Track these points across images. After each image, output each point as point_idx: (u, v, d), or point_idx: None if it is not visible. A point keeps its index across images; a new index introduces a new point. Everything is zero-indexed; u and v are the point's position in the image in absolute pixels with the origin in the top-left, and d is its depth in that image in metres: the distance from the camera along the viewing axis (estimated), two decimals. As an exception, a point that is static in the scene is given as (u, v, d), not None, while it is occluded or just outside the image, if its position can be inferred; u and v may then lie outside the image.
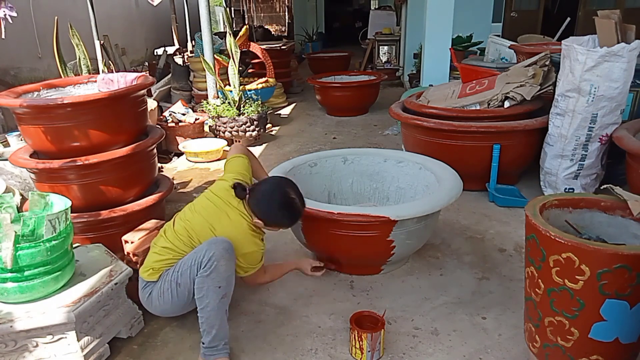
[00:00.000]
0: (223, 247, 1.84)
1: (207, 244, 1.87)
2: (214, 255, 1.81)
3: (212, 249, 1.83)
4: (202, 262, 1.82)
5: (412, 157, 2.89)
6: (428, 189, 2.64)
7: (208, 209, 2.02)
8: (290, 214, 2.03)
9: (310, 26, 13.45)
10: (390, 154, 2.96)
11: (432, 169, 2.68)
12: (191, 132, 4.76)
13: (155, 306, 1.98)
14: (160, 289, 1.94)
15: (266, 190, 2.02)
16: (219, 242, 1.87)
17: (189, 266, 1.85)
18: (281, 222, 2.06)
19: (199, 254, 1.84)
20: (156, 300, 1.96)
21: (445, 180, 2.48)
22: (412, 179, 2.80)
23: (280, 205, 2.00)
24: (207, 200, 2.07)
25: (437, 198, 2.31)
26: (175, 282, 1.89)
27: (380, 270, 2.51)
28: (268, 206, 1.99)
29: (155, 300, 1.96)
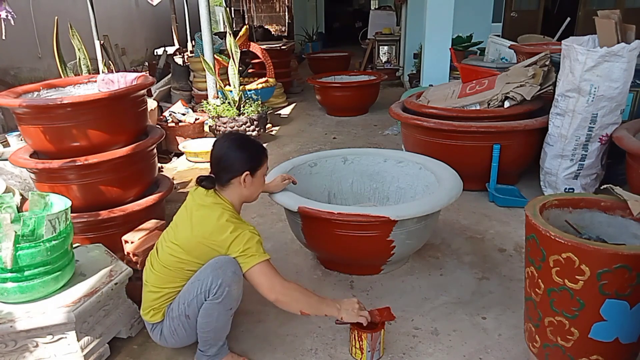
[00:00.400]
0: (231, 271, 1.71)
1: (211, 269, 1.72)
2: (223, 282, 1.70)
3: (219, 276, 1.70)
4: (211, 290, 1.71)
5: (412, 157, 2.89)
6: (428, 189, 2.64)
7: (183, 219, 1.85)
8: (256, 143, 1.94)
9: (310, 26, 13.45)
10: (390, 154, 2.96)
11: (432, 169, 2.68)
12: (191, 132, 4.76)
13: (172, 343, 1.88)
14: (170, 328, 1.82)
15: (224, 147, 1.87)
16: (224, 266, 1.72)
17: (195, 295, 1.73)
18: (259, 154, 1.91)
19: (205, 282, 1.71)
20: (170, 338, 1.85)
21: (445, 180, 2.48)
22: (412, 179, 2.80)
23: (244, 142, 1.89)
24: (180, 212, 1.92)
25: (437, 198, 2.31)
26: (184, 315, 1.78)
27: (380, 270, 2.51)
28: (237, 154, 1.85)
29: (169, 338, 1.86)
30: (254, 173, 1.89)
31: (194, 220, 1.80)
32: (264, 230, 3.07)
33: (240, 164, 1.85)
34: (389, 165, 2.90)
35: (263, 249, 1.79)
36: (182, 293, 1.80)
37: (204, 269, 1.76)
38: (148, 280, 1.87)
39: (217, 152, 1.89)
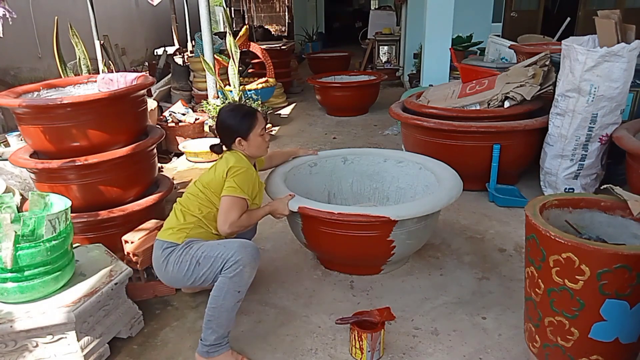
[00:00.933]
0: (251, 255, 1.87)
1: (238, 245, 1.89)
2: (241, 260, 1.83)
3: (240, 253, 1.84)
4: (228, 262, 1.83)
5: (412, 157, 2.89)
6: (428, 188, 2.64)
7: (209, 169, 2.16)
8: (243, 111, 2.15)
9: (310, 26, 13.45)
10: (390, 154, 2.96)
11: (432, 168, 2.68)
12: (191, 132, 4.76)
13: (168, 271, 1.96)
14: (179, 257, 1.93)
15: (220, 119, 2.16)
16: (249, 248, 1.89)
17: (215, 256, 1.87)
18: (246, 120, 2.13)
19: (228, 252, 1.85)
20: (171, 265, 1.94)
21: (445, 180, 2.48)
22: (412, 179, 2.79)
23: (233, 112, 2.14)
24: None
25: (437, 198, 2.30)
26: (196, 259, 1.90)
27: (381, 271, 2.51)
28: (228, 122, 2.12)
29: (170, 265, 1.95)
30: (246, 137, 2.13)
31: (216, 164, 2.14)
32: (264, 231, 3.07)
33: (231, 132, 2.13)
34: (389, 165, 2.90)
35: (245, 190, 2.05)
36: (207, 244, 1.94)
37: (232, 241, 1.95)
38: (177, 206, 2.10)
39: (216, 122, 2.20)
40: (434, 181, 2.58)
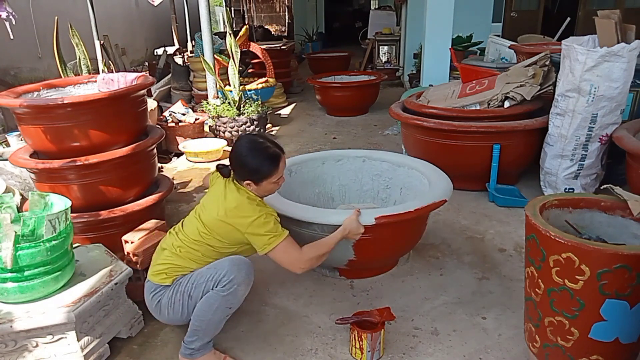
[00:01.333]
0: (245, 272, 1.82)
1: (229, 263, 1.82)
2: (235, 279, 1.78)
3: (233, 272, 1.79)
4: (221, 281, 1.78)
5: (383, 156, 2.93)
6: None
7: (211, 199, 1.96)
8: (265, 157, 1.89)
9: (310, 26, 13.45)
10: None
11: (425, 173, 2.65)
12: (191, 132, 4.76)
13: (164, 314, 1.91)
14: (171, 298, 1.86)
15: (237, 147, 1.92)
16: (241, 265, 1.83)
17: (205, 280, 1.80)
18: (263, 169, 1.89)
19: (219, 272, 1.79)
20: (165, 308, 1.88)
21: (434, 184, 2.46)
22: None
23: (253, 151, 1.88)
24: (207, 194, 2.04)
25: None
26: (187, 294, 1.83)
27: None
28: (243, 158, 1.89)
29: (164, 309, 1.89)
30: (259, 183, 1.91)
31: (220, 199, 1.90)
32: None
33: (245, 172, 1.90)
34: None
35: (280, 227, 1.89)
36: (195, 274, 1.85)
37: (223, 260, 1.85)
38: (167, 244, 1.93)
39: (232, 151, 1.94)
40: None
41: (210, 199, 1.97)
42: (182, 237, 1.92)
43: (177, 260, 1.88)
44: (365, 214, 2.11)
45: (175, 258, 1.89)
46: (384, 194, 2.88)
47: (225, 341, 2.05)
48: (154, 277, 1.90)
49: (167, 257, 1.90)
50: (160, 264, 1.90)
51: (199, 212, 1.96)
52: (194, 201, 3.62)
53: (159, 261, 1.92)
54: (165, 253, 1.92)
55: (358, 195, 2.93)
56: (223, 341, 2.05)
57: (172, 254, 1.90)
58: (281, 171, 1.94)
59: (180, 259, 1.88)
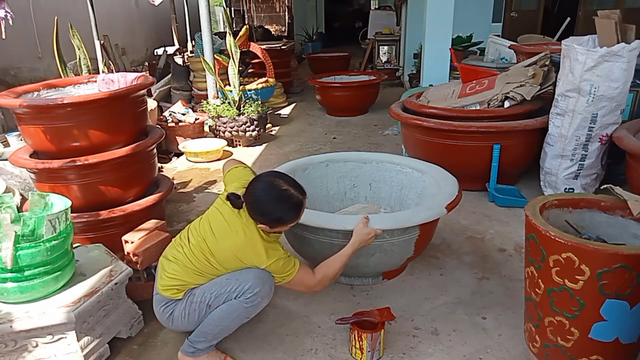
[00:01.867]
0: (269, 287, 1.81)
1: (254, 276, 1.78)
2: (260, 293, 1.77)
3: (258, 285, 1.77)
4: (246, 293, 1.76)
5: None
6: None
7: (220, 228, 1.83)
8: (288, 206, 1.78)
9: (310, 26, 13.45)
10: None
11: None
12: (191, 132, 4.76)
13: (176, 325, 1.87)
14: (185, 309, 1.82)
15: (256, 191, 1.78)
16: (266, 279, 1.80)
17: (228, 291, 1.77)
18: (284, 219, 1.80)
19: (244, 284, 1.76)
20: (178, 320, 1.84)
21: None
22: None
23: (275, 200, 1.76)
24: (217, 215, 1.87)
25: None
26: (206, 304, 1.79)
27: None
28: (263, 206, 1.76)
29: (177, 320, 1.85)
30: (274, 227, 1.82)
31: (228, 233, 1.80)
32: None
33: (264, 220, 1.78)
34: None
35: (292, 261, 1.86)
36: (213, 283, 1.81)
37: (246, 272, 1.80)
38: (178, 260, 1.84)
39: (251, 195, 1.79)
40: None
41: (219, 227, 1.83)
42: (190, 255, 1.83)
43: (187, 277, 1.82)
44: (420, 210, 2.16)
45: (185, 275, 1.82)
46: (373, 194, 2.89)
47: (225, 341, 2.05)
48: (165, 292, 1.84)
49: (176, 273, 1.83)
50: (170, 278, 1.83)
51: (205, 236, 1.83)
52: (193, 201, 3.62)
53: (167, 274, 1.84)
54: (173, 267, 1.84)
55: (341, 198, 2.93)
56: (223, 341, 2.05)
57: (181, 269, 1.82)
58: (297, 220, 1.85)
59: (190, 276, 1.82)
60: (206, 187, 3.91)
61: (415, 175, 2.73)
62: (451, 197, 2.29)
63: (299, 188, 1.82)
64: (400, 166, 2.82)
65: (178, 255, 1.86)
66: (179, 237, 1.95)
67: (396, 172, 2.82)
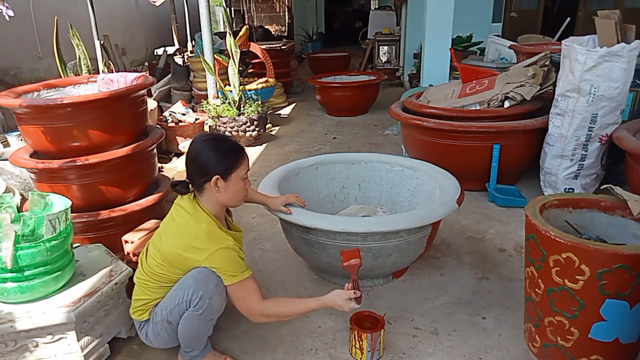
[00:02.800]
0: (213, 284, 1.69)
1: (193, 280, 1.70)
2: (205, 294, 1.68)
3: (200, 288, 1.68)
4: (192, 301, 1.69)
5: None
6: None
7: (167, 226, 1.83)
8: (227, 144, 1.76)
9: (310, 26, 13.45)
10: None
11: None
12: (191, 132, 4.76)
13: (157, 344, 1.88)
14: (154, 330, 1.82)
15: (195, 149, 1.74)
16: (206, 277, 1.69)
17: (177, 304, 1.73)
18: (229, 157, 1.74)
19: (186, 292, 1.69)
20: (154, 339, 1.85)
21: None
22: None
23: (211, 141, 1.75)
24: (166, 220, 1.87)
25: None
26: (166, 321, 1.78)
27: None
28: (207, 156, 1.72)
29: (154, 340, 1.86)
30: (227, 177, 1.73)
31: (174, 230, 1.77)
32: (264, 231, 3.07)
33: (210, 167, 1.72)
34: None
35: (241, 265, 1.74)
36: (164, 299, 1.80)
37: (186, 278, 1.73)
38: (138, 281, 1.87)
39: (189, 153, 1.76)
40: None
41: (165, 228, 1.83)
42: (146, 269, 1.83)
43: (146, 294, 1.83)
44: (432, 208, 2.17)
45: (144, 293, 1.83)
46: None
47: (225, 341, 2.06)
48: (134, 314, 1.87)
49: (138, 293, 1.85)
50: (135, 300, 1.87)
51: (156, 242, 1.82)
52: (194, 201, 3.61)
53: (134, 297, 1.88)
54: (136, 289, 1.87)
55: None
56: (223, 341, 2.06)
57: (141, 289, 1.84)
58: (246, 166, 1.79)
59: (149, 292, 1.82)
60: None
61: (407, 173, 2.75)
62: (456, 191, 2.31)
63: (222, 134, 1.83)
64: (389, 165, 2.83)
65: (138, 275, 1.87)
66: (142, 254, 1.92)
67: (385, 170, 2.83)
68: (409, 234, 2.14)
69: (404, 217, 2.21)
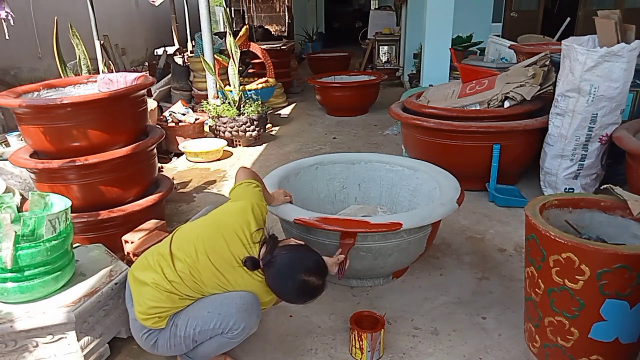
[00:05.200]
0: (256, 315, 1.72)
1: (236, 310, 1.67)
2: (247, 326, 1.70)
3: (244, 319, 1.68)
4: (232, 330, 1.68)
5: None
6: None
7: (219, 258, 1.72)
8: (305, 296, 1.77)
9: (310, 26, 13.45)
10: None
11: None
12: (191, 132, 4.76)
13: (162, 352, 1.78)
14: (169, 340, 1.72)
15: (281, 270, 1.71)
16: (250, 309, 1.69)
17: (212, 328, 1.67)
18: (296, 302, 1.83)
19: (228, 320, 1.66)
20: (164, 348, 1.75)
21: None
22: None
23: (295, 289, 1.73)
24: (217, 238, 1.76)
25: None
26: (191, 339, 1.71)
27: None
28: (283, 288, 1.74)
29: (162, 349, 1.75)
30: (281, 300, 1.83)
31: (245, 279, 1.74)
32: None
33: (283, 296, 1.77)
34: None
35: None
36: (194, 316, 1.69)
37: (228, 306, 1.68)
38: (158, 285, 1.69)
39: (283, 269, 1.72)
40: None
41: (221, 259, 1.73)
42: (174, 278, 1.69)
43: (169, 303, 1.69)
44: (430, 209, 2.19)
45: (167, 301, 1.69)
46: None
47: (225, 341, 2.05)
48: (145, 322, 1.70)
49: (157, 300, 1.68)
50: (151, 307, 1.68)
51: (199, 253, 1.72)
52: (193, 201, 3.62)
53: (145, 302, 1.69)
54: (152, 293, 1.69)
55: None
56: (223, 341, 2.05)
57: (161, 295, 1.68)
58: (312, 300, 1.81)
59: (174, 301, 1.70)
60: (206, 187, 3.91)
61: (407, 173, 2.75)
62: (456, 191, 2.31)
63: (320, 273, 1.75)
64: (389, 165, 2.83)
65: (157, 278, 1.69)
66: (156, 254, 1.78)
67: (385, 170, 2.83)
68: (409, 234, 2.14)
69: (405, 216, 2.21)
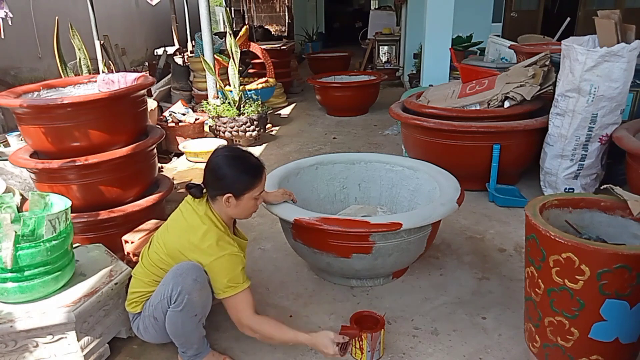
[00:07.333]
0: (192, 279, 1.68)
1: (172, 275, 1.71)
2: (183, 290, 1.67)
3: (179, 283, 1.68)
4: (172, 297, 1.69)
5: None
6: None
7: (176, 221, 1.86)
8: (248, 164, 1.81)
9: (310, 26, 13.45)
10: None
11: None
12: (191, 132, 4.76)
13: (147, 338, 1.92)
14: (143, 324, 1.86)
15: (215, 162, 1.79)
16: (185, 272, 1.69)
17: (160, 300, 1.74)
18: (246, 178, 1.79)
19: (166, 288, 1.70)
20: (145, 333, 1.89)
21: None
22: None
23: (233, 160, 1.78)
24: (175, 214, 1.90)
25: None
26: (152, 316, 1.80)
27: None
28: (225, 172, 1.76)
29: (144, 334, 1.89)
30: (239, 196, 1.79)
31: (183, 227, 1.81)
32: (264, 231, 3.07)
33: (225, 183, 1.77)
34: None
35: (242, 276, 1.78)
36: (153, 294, 1.82)
37: (167, 275, 1.76)
38: (136, 273, 1.92)
39: (209, 162, 1.81)
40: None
41: (173, 223, 1.87)
42: (146, 261, 1.87)
43: (142, 287, 1.86)
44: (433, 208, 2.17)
45: (140, 285, 1.87)
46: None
47: (225, 341, 2.05)
48: (128, 306, 1.91)
49: (134, 286, 1.90)
50: (131, 292, 1.90)
51: (162, 235, 1.86)
52: (194, 201, 3.61)
53: (130, 289, 1.92)
54: (133, 281, 1.92)
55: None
56: (223, 341, 2.06)
57: (137, 281, 1.89)
58: (263, 185, 1.85)
59: (144, 285, 1.86)
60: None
61: (407, 173, 2.75)
62: (456, 191, 2.31)
63: (257, 158, 1.86)
64: (389, 165, 2.83)
65: (137, 268, 1.92)
66: (145, 249, 1.95)
67: (385, 170, 2.83)
68: (409, 234, 2.14)
69: (405, 216, 2.21)
